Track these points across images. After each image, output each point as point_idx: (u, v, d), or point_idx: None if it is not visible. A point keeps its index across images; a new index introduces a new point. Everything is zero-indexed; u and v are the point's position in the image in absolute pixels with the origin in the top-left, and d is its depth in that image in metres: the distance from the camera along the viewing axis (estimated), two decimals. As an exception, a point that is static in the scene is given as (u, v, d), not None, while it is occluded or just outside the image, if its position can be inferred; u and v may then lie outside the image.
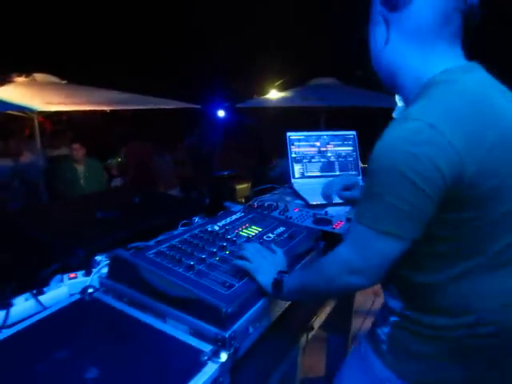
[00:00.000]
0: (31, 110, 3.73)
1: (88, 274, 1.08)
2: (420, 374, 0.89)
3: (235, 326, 0.85)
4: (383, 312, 0.99)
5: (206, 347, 0.81)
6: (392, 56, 0.87)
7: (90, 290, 0.96)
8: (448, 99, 0.77)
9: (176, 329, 0.87)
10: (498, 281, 0.83)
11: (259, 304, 0.95)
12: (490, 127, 0.76)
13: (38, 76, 4.61)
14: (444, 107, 0.76)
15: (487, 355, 0.85)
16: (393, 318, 0.94)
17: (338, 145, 2.04)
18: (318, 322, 1.22)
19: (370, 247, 0.79)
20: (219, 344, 0.82)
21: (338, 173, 2.02)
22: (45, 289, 1.01)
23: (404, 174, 0.72)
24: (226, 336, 0.82)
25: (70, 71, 5.31)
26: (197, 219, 1.49)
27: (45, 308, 0.94)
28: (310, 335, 1.16)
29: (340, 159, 2.04)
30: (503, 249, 0.82)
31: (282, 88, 6.92)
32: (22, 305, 0.95)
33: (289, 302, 1.10)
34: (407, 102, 0.89)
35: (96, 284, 1.03)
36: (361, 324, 2.74)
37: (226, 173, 2.21)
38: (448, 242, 0.81)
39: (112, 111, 5.45)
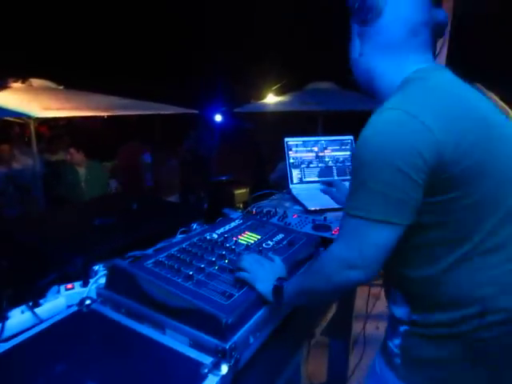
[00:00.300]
0: (28, 116, 3.71)
1: (85, 284, 1.07)
2: (437, 381, 0.88)
3: (236, 337, 0.84)
4: (392, 324, 0.97)
5: (207, 359, 0.80)
6: (367, 65, 0.95)
7: (88, 302, 0.95)
8: (421, 92, 0.83)
9: (175, 340, 0.86)
10: (490, 267, 0.83)
11: (259, 313, 0.94)
12: (462, 116, 0.81)
13: (35, 81, 4.59)
14: (418, 98, 0.82)
15: (506, 348, 0.83)
16: (402, 328, 0.92)
17: (336, 150, 2.04)
18: (319, 328, 1.21)
19: (364, 238, 0.80)
20: (220, 355, 0.81)
21: (335, 178, 2.01)
22: (41, 300, 0.99)
23: (387, 160, 0.76)
24: (227, 347, 0.81)
25: (68, 76, 5.30)
26: (195, 226, 1.48)
27: (41, 321, 0.93)
28: (311, 342, 1.15)
29: (338, 164, 2.04)
30: (489, 233, 0.82)
31: (279, 92, 6.94)
32: (18, 317, 0.93)
33: (289, 310, 1.08)
34: None
35: (94, 295, 1.02)
36: (361, 328, 2.72)
37: (224, 178, 2.20)
38: (437, 229, 0.82)
39: (114, 116, 5.43)
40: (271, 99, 6.34)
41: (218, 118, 8.73)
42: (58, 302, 1.01)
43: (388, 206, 0.78)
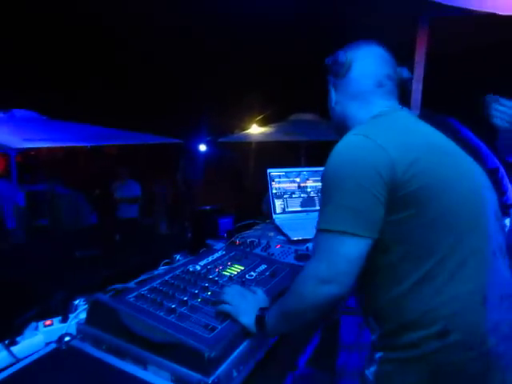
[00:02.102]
0: (9, 147, 3.68)
1: (65, 320, 1.05)
2: None
3: (219, 371, 0.83)
4: (370, 352, 0.99)
5: (189, 395, 0.79)
6: (341, 111, 1.10)
7: (67, 338, 0.93)
8: (380, 124, 0.97)
9: (157, 376, 0.85)
10: (452, 286, 0.86)
11: (243, 346, 0.93)
12: (414, 144, 0.91)
13: (18, 112, 4.59)
14: (376, 128, 0.95)
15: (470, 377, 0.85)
16: (378, 355, 0.94)
17: (318, 180, 2.08)
18: (303, 359, 1.20)
19: (333, 251, 0.84)
20: (202, 391, 0.80)
21: (317, 207, 2.04)
22: (18, 338, 0.96)
23: (350, 176, 0.86)
24: (209, 382, 0.80)
25: (51, 106, 5.30)
26: (178, 257, 1.48)
27: (18, 360, 0.90)
28: (295, 373, 1.14)
29: (320, 194, 2.07)
30: (448, 251, 0.86)
31: (263, 123, 7.07)
32: (-6, 356, 0.90)
33: (272, 342, 1.08)
34: None
35: (73, 331, 0.99)
36: (347, 358, 2.69)
37: (208, 207, 2.21)
38: (400, 247, 0.87)
39: (95, 147, 5.43)
40: (255, 130, 6.45)
41: (203, 147, 8.80)
42: (36, 339, 0.98)
43: (353, 218, 0.84)
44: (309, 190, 2.06)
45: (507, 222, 2.26)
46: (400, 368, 0.88)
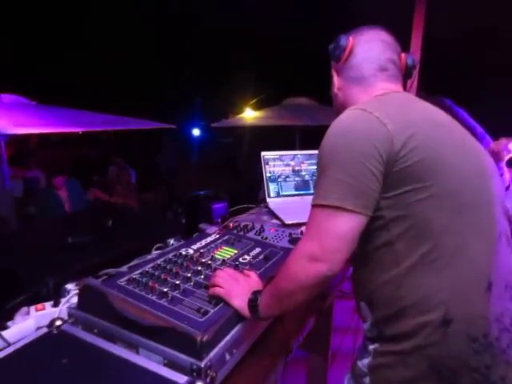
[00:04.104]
0: (-1, 133, 3.60)
1: (56, 304, 1.04)
2: None
3: (211, 355, 0.83)
4: (363, 344, 0.97)
5: (181, 378, 0.79)
6: (343, 96, 1.09)
7: (58, 323, 0.92)
8: (378, 101, 0.95)
9: (149, 360, 0.84)
10: (453, 269, 0.82)
11: (235, 330, 0.93)
12: (414, 118, 0.89)
13: (6, 97, 4.49)
14: (375, 104, 0.92)
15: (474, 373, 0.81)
16: (372, 346, 0.92)
17: (313, 164, 2.06)
18: (296, 342, 1.20)
19: (324, 228, 0.83)
20: (195, 374, 0.80)
21: (312, 191, 2.03)
22: (9, 323, 0.95)
23: (345, 149, 0.84)
24: (202, 365, 0.80)
25: (40, 91, 5.20)
26: (172, 241, 1.47)
27: (9, 344, 0.89)
28: (289, 357, 1.14)
29: (314, 177, 2.06)
30: (448, 229, 0.83)
31: (256, 107, 7.01)
32: (-16, 341, 0.90)
33: (265, 326, 1.08)
34: None
35: (65, 315, 0.99)
36: (340, 342, 2.72)
37: (202, 193, 2.19)
38: (399, 224, 0.84)
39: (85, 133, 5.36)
40: (249, 114, 6.39)
41: (196, 132, 8.74)
42: (27, 324, 0.97)
43: (347, 193, 0.81)
44: (303, 173, 2.05)
45: None
46: (397, 361, 0.85)
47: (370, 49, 1.03)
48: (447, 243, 0.83)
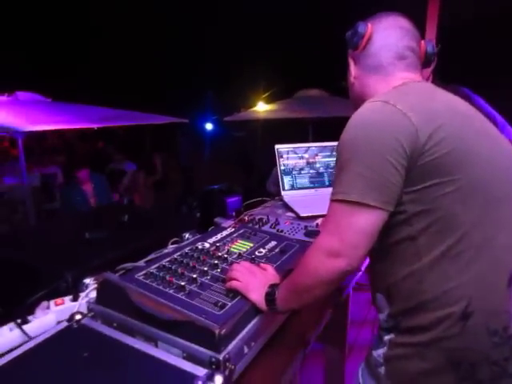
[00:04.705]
0: (15, 131, 3.66)
1: (76, 299, 1.05)
2: None
3: (230, 347, 0.83)
4: (378, 334, 0.96)
5: (200, 371, 0.79)
6: (360, 85, 1.05)
7: (78, 317, 0.93)
8: (400, 92, 0.91)
9: (168, 353, 0.84)
10: (476, 264, 0.81)
11: (253, 323, 0.93)
12: (437, 110, 0.86)
13: (21, 94, 4.55)
14: (397, 95, 0.89)
15: (495, 366, 0.80)
16: (387, 337, 0.91)
17: (327, 156, 2.04)
18: (313, 335, 1.20)
19: (344, 223, 0.81)
20: (213, 367, 0.80)
21: (327, 184, 2.02)
22: (30, 317, 0.97)
23: (367, 143, 0.81)
24: (221, 358, 0.80)
25: (55, 89, 5.27)
26: (187, 235, 1.47)
27: (31, 338, 0.90)
28: (306, 349, 1.13)
29: (329, 170, 2.04)
30: (474, 224, 0.81)
31: (269, 100, 6.97)
32: (6, 336, 0.91)
33: (283, 319, 1.08)
34: None
35: (84, 309, 1.00)
36: (356, 334, 2.71)
37: (216, 187, 2.19)
38: (422, 219, 0.82)
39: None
40: (261, 107, 6.36)
41: (209, 126, 8.75)
42: (48, 318, 0.99)
43: (367, 188, 0.79)
44: (318, 165, 2.03)
45: None
46: (413, 353, 0.84)
47: (387, 36, 0.99)
48: (473, 237, 0.81)
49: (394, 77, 0.98)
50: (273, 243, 1.29)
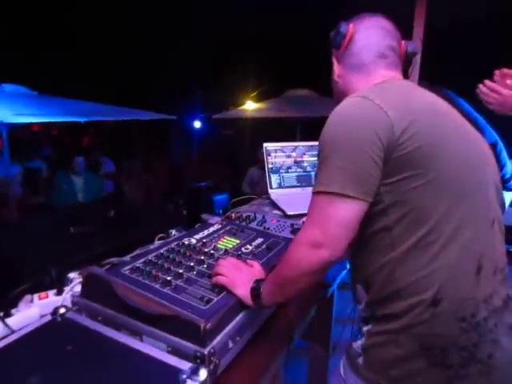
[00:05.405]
0: (1, 123, 3.59)
1: (60, 292, 1.04)
2: (396, 381, 0.87)
3: (215, 342, 0.84)
4: (358, 327, 1.00)
5: (185, 365, 0.79)
6: (343, 83, 1.09)
7: (62, 310, 0.93)
8: (378, 89, 0.95)
9: (153, 347, 0.85)
10: (446, 254, 0.84)
11: (238, 318, 0.94)
12: (415, 105, 0.90)
13: (7, 86, 4.47)
14: (375, 91, 0.92)
15: (464, 351, 0.83)
16: (365, 328, 0.94)
17: (314, 155, 2.06)
18: (298, 331, 1.21)
19: (325, 214, 0.84)
20: (198, 361, 0.80)
21: (313, 183, 2.03)
22: (13, 310, 0.96)
23: (346, 136, 0.85)
24: (206, 352, 0.80)
25: (41, 81, 5.18)
26: (174, 232, 1.47)
27: (13, 331, 0.89)
28: (290, 346, 1.15)
29: (316, 169, 2.06)
30: (445, 215, 0.84)
31: (257, 99, 6.98)
32: (-11, 329, 0.90)
33: (268, 314, 1.09)
34: None
35: (69, 303, 0.99)
36: (341, 331, 2.74)
37: (203, 184, 2.19)
38: (397, 210, 0.85)
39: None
40: (250, 106, 6.37)
41: (197, 124, 8.71)
42: (31, 311, 0.98)
43: (346, 180, 0.82)
44: (305, 164, 2.05)
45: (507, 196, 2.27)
46: (388, 340, 0.87)
47: (369, 36, 1.03)
48: (443, 229, 0.84)
49: (375, 75, 1.01)
50: (259, 240, 1.30)
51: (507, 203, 2.11)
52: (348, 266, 1.38)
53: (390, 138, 0.83)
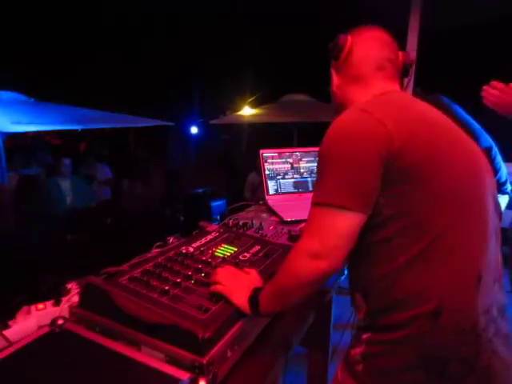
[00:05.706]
0: (-2, 131, 3.59)
1: (58, 303, 1.04)
2: None
3: (213, 351, 0.83)
4: (356, 333, 0.99)
5: (183, 375, 0.79)
6: (342, 94, 1.10)
7: (60, 321, 0.92)
8: (378, 102, 0.96)
9: (151, 357, 0.85)
10: (446, 266, 0.84)
11: (237, 326, 0.93)
12: (413, 118, 0.91)
13: (4, 94, 4.47)
14: (374, 104, 0.93)
15: (465, 363, 0.84)
16: (365, 335, 0.93)
17: (311, 161, 2.07)
18: (296, 338, 1.21)
19: (325, 226, 0.85)
20: (197, 371, 0.80)
21: (311, 188, 2.04)
22: (10, 322, 0.96)
23: (345, 149, 0.86)
24: (204, 362, 0.80)
25: (39, 88, 5.18)
26: (171, 239, 1.47)
27: (11, 343, 0.89)
28: (289, 352, 1.15)
29: (313, 175, 2.07)
30: (445, 228, 0.84)
31: (255, 105, 7.00)
32: (-14, 340, 0.90)
33: (266, 322, 1.09)
34: None
35: (66, 314, 0.99)
36: (340, 337, 2.73)
37: (200, 190, 2.20)
38: (397, 222, 0.85)
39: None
40: (247, 111, 6.39)
41: (194, 129, 8.72)
42: (29, 322, 0.98)
43: (346, 192, 0.83)
44: (302, 170, 2.05)
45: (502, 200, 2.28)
46: (388, 350, 0.87)
47: (367, 48, 1.04)
48: (444, 240, 0.84)
49: (373, 86, 1.03)
50: (257, 247, 1.30)
51: (502, 207, 2.13)
52: (346, 272, 1.38)
53: (389, 150, 0.83)
